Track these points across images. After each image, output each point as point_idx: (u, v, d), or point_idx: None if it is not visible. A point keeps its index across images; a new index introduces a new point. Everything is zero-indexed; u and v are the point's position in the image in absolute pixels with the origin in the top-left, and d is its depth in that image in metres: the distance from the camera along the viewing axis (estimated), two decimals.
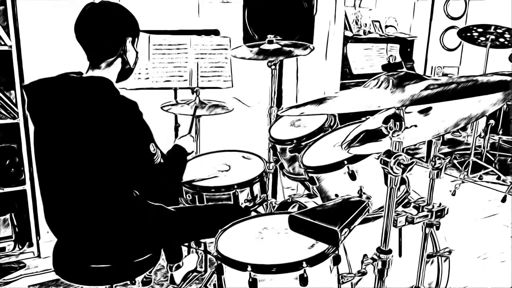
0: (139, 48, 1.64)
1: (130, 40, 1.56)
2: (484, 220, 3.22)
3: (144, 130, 1.52)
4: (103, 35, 1.51)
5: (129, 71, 1.62)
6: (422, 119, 1.32)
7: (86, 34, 1.51)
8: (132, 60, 1.60)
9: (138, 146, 1.49)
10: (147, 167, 1.52)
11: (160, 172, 1.57)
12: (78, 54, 1.56)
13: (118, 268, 1.60)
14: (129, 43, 1.56)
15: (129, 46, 1.56)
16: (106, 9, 1.52)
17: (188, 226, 1.75)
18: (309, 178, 1.77)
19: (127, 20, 1.56)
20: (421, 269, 1.58)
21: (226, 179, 2.00)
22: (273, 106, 2.37)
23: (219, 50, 2.58)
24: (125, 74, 1.61)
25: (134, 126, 1.47)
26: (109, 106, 1.46)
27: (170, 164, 1.66)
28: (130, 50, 1.57)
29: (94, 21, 1.50)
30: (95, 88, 1.49)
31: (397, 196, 1.26)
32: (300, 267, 1.31)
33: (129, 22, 1.56)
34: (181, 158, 1.74)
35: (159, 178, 1.56)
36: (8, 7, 2.33)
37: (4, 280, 2.43)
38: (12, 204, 2.67)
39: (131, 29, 1.57)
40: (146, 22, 2.62)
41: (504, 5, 4.24)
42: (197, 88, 2.44)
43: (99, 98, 1.47)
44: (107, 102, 1.47)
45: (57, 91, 1.50)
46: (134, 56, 1.60)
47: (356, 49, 4.31)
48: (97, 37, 1.50)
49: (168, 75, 2.52)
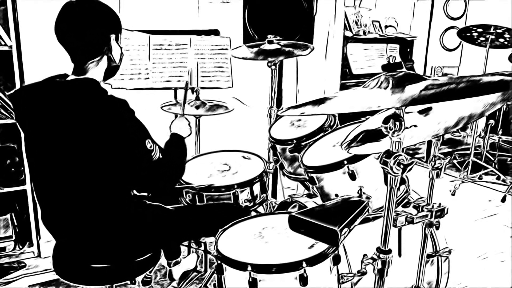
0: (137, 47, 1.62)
1: (114, 37, 1.52)
2: (484, 220, 3.22)
3: (137, 128, 1.48)
4: (86, 34, 1.45)
5: (115, 69, 1.58)
6: (422, 119, 1.32)
7: (68, 35, 1.45)
8: (117, 57, 1.56)
9: (132, 144, 1.46)
10: (145, 164, 1.49)
11: (160, 167, 1.54)
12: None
13: (118, 268, 1.60)
14: (113, 40, 1.52)
15: (113, 43, 1.52)
16: (86, 7, 1.46)
17: (187, 225, 1.74)
18: (309, 178, 1.77)
19: (108, 17, 1.50)
20: (421, 269, 1.58)
21: (226, 179, 2.00)
22: (273, 106, 2.37)
23: (219, 50, 2.58)
24: (112, 72, 1.57)
25: (125, 125, 1.44)
26: (98, 107, 1.43)
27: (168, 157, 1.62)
28: (114, 47, 1.53)
29: (75, 21, 1.44)
30: (82, 90, 1.46)
31: (397, 196, 1.27)
32: (300, 267, 1.31)
33: (111, 19, 1.51)
34: (178, 146, 1.70)
35: (160, 173, 1.55)
36: (8, 7, 2.33)
37: (4, 280, 2.43)
38: (12, 204, 2.67)
39: (114, 25, 1.52)
40: (146, 22, 2.64)
41: (504, 5, 4.24)
42: (197, 88, 2.45)
43: (87, 100, 1.44)
44: (95, 103, 1.44)
45: (43, 97, 1.47)
46: (119, 53, 1.56)
47: (356, 49, 4.31)
48: (80, 37, 1.45)
49: (168, 75, 2.52)
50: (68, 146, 1.45)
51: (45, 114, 1.46)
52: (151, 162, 1.51)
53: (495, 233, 3.04)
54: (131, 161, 1.47)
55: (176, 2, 2.90)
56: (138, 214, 1.62)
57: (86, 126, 1.42)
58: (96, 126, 1.42)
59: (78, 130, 1.43)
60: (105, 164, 1.46)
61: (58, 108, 1.44)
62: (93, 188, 1.49)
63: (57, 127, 1.45)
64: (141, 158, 1.48)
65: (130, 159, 1.47)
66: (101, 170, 1.46)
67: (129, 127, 1.45)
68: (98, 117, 1.42)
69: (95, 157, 1.44)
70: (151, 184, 1.56)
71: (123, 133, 1.44)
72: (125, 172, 1.48)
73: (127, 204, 1.58)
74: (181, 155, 1.69)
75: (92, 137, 1.42)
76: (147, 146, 1.49)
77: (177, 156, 1.67)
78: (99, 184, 1.49)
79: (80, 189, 1.49)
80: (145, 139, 1.50)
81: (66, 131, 1.44)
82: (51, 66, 1.58)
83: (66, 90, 1.47)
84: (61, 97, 1.45)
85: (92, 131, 1.42)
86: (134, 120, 1.47)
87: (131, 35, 2.36)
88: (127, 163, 1.47)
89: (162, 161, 1.56)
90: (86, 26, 1.45)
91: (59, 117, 1.44)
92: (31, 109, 1.49)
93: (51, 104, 1.45)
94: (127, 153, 1.46)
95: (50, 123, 1.45)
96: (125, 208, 1.57)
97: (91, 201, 1.50)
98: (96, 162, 1.45)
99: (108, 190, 1.51)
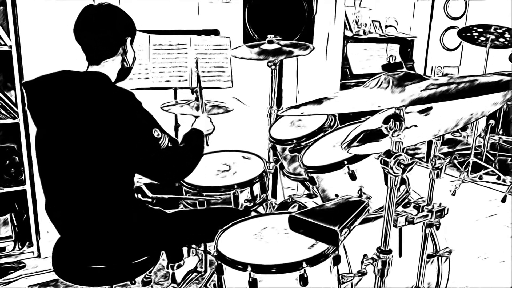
0: (137, 47, 1.66)
1: (130, 40, 1.60)
2: (484, 220, 3.22)
3: (144, 118, 1.54)
4: (104, 36, 1.54)
5: (128, 71, 1.65)
6: (422, 119, 1.32)
7: (87, 35, 1.54)
8: (131, 60, 1.63)
9: (140, 134, 1.51)
10: (152, 152, 1.53)
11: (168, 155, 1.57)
12: (78, 53, 1.57)
13: (118, 268, 1.60)
14: (129, 43, 1.60)
15: (129, 46, 1.60)
16: (105, 11, 1.56)
17: (186, 229, 1.75)
18: (309, 178, 1.77)
19: (125, 21, 1.60)
20: (421, 269, 1.58)
21: (226, 179, 2.00)
22: (273, 106, 2.37)
23: (219, 50, 2.58)
24: (124, 74, 1.64)
25: (132, 115, 1.49)
26: (107, 98, 1.48)
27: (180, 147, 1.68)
28: (129, 50, 1.61)
29: (94, 23, 1.53)
30: (92, 81, 1.52)
31: (397, 196, 1.26)
32: (300, 267, 1.31)
33: (127, 23, 1.61)
34: (195, 139, 1.74)
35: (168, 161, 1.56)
36: (8, 7, 2.33)
37: (4, 280, 2.43)
38: (12, 204, 2.67)
39: (130, 29, 1.61)
40: (146, 22, 2.63)
41: (504, 5, 4.24)
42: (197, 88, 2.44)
43: (97, 90, 1.50)
44: (104, 94, 1.49)
45: (56, 87, 1.51)
46: (132, 56, 1.63)
47: (356, 49, 4.31)
48: (98, 38, 1.54)
49: (168, 75, 2.52)
50: (76, 135, 1.48)
51: (56, 103, 1.50)
52: (159, 149, 1.56)
53: (495, 233, 3.04)
54: (138, 148, 1.50)
55: (176, 2, 2.90)
56: (139, 215, 1.63)
57: (95, 115, 1.46)
58: (104, 116, 1.46)
59: (87, 119, 1.47)
60: (112, 153, 1.49)
61: (69, 98, 1.49)
62: (99, 178, 1.51)
63: (67, 116, 1.49)
64: (148, 146, 1.52)
65: (137, 146, 1.50)
66: (108, 158, 1.49)
67: (136, 116, 1.50)
68: (106, 107, 1.46)
69: (103, 145, 1.47)
70: (159, 172, 1.56)
71: (130, 122, 1.48)
72: (132, 160, 1.51)
73: (130, 203, 1.60)
74: (194, 147, 1.71)
75: (100, 126, 1.46)
76: (154, 134, 1.55)
77: (190, 148, 1.70)
78: (105, 174, 1.51)
79: (86, 179, 1.51)
80: (152, 127, 1.55)
81: (75, 120, 1.48)
82: (51, 66, 1.59)
83: (77, 81, 1.52)
84: (72, 88, 1.50)
85: (100, 120, 1.46)
86: (141, 110, 1.53)
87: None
88: (134, 150, 1.50)
89: (171, 149, 1.61)
90: (105, 27, 1.54)
91: (70, 106, 1.48)
92: (44, 98, 1.53)
93: (63, 94, 1.50)
94: (134, 140, 1.50)
95: (61, 113, 1.50)
96: (127, 207, 1.58)
97: (96, 192, 1.53)
98: (103, 151, 1.48)
99: (114, 182, 1.54)
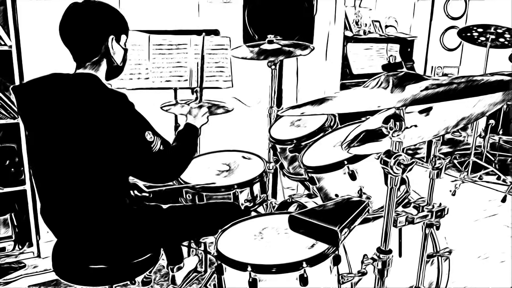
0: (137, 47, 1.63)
1: (113, 38, 1.53)
2: (484, 220, 3.22)
3: (136, 120, 1.50)
4: (83, 34, 1.49)
5: (117, 69, 1.60)
6: (422, 119, 1.32)
7: (68, 34, 1.50)
8: (120, 58, 1.58)
9: (131, 136, 1.48)
10: (143, 155, 1.51)
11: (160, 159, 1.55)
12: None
13: (118, 268, 1.59)
14: (114, 42, 1.53)
15: (115, 44, 1.54)
16: (88, 8, 1.50)
17: (185, 224, 1.74)
18: (309, 178, 1.77)
19: (110, 19, 1.54)
20: (421, 269, 1.58)
21: (226, 179, 2.00)
22: (273, 106, 2.37)
23: (219, 50, 2.58)
24: (114, 73, 1.60)
25: (124, 117, 1.46)
26: (98, 100, 1.46)
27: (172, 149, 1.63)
28: (115, 49, 1.55)
29: (75, 21, 1.49)
30: (82, 83, 1.49)
31: (397, 196, 1.26)
32: (300, 267, 1.31)
33: (112, 21, 1.54)
34: (188, 137, 1.72)
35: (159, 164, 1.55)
36: (8, 7, 2.33)
37: (4, 280, 2.43)
38: (12, 204, 2.67)
39: (115, 27, 1.55)
40: (146, 22, 2.64)
41: (504, 5, 4.24)
42: (197, 88, 2.44)
43: (87, 92, 1.47)
44: (95, 96, 1.47)
45: (46, 90, 1.50)
46: (121, 54, 1.59)
47: (356, 49, 4.31)
48: (78, 37, 1.49)
49: (168, 75, 2.51)
50: (68, 138, 1.47)
51: (46, 106, 1.48)
52: (150, 153, 1.51)
53: (495, 233, 3.04)
54: (129, 152, 1.49)
55: (176, 2, 2.90)
56: (135, 214, 1.62)
57: (86, 118, 1.44)
58: (96, 118, 1.44)
59: (78, 122, 1.45)
60: (104, 155, 1.47)
61: (60, 100, 1.47)
62: (92, 180, 1.50)
63: (57, 119, 1.47)
64: (139, 149, 1.50)
65: (129, 150, 1.48)
66: (100, 161, 1.47)
67: (128, 119, 1.47)
68: (98, 109, 1.44)
69: (95, 148, 1.46)
70: (150, 175, 1.57)
71: (122, 125, 1.45)
72: (124, 163, 1.50)
73: (125, 203, 1.59)
74: (186, 148, 1.69)
75: (91, 129, 1.44)
76: (147, 137, 1.50)
77: (183, 148, 1.68)
78: (98, 176, 1.50)
79: (79, 182, 1.50)
80: (144, 130, 1.51)
81: (66, 123, 1.46)
82: (51, 66, 1.59)
83: (67, 84, 1.50)
84: (62, 90, 1.48)
85: (92, 122, 1.44)
86: (133, 112, 1.49)
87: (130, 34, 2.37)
88: (126, 154, 1.49)
89: (163, 152, 1.56)
90: (84, 26, 1.49)
91: (61, 109, 1.46)
92: (33, 101, 1.52)
93: (53, 97, 1.48)
94: (126, 144, 1.47)
95: (51, 116, 1.48)
96: (122, 208, 1.57)
97: (90, 194, 1.51)
98: (95, 153, 1.46)
99: (107, 183, 1.52)
